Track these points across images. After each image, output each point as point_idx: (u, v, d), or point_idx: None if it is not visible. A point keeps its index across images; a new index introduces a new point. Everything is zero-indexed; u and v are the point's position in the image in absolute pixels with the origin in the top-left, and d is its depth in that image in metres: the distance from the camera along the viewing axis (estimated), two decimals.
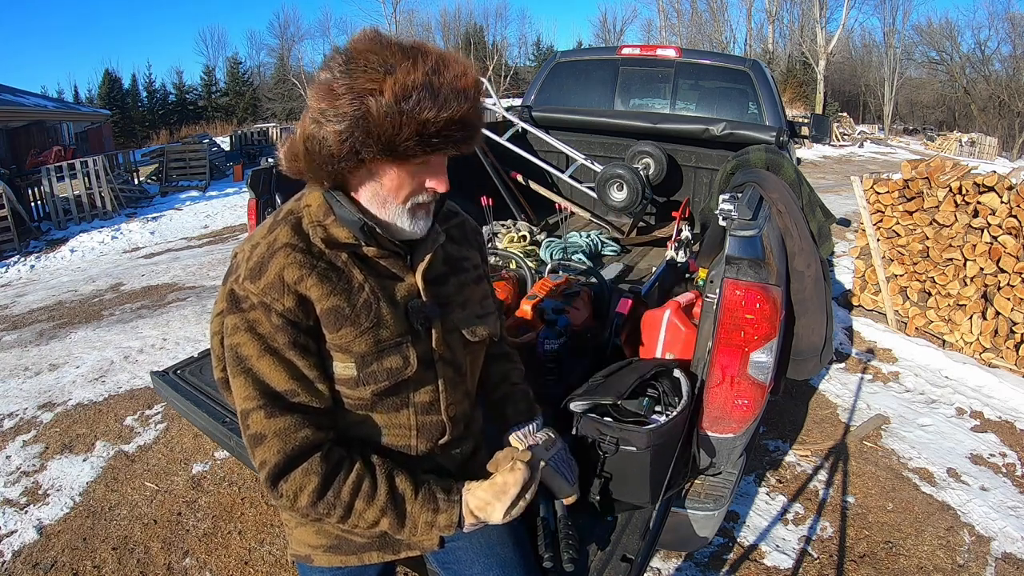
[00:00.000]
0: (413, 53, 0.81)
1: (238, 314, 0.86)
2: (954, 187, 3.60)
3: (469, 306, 1.02)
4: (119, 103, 29.84)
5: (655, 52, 3.74)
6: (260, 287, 0.84)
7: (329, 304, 0.86)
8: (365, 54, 0.81)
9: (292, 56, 34.11)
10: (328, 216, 0.89)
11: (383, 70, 0.79)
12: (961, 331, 3.62)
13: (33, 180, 8.87)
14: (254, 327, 0.85)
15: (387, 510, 0.88)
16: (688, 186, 3.66)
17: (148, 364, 3.63)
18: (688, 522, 1.44)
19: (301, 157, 0.86)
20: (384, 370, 0.89)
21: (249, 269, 0.86)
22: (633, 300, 1.95)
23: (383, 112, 0.78)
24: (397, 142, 0.80)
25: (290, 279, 0.84)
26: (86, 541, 2.20)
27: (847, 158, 16.38)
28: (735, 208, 1.46)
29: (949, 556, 2.13)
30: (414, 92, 0.78)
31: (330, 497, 0.85)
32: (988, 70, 26.75)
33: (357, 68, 0.80)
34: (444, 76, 0.81)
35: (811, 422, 2.98)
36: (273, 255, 0.86)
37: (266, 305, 0.84)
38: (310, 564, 1.00)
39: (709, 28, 32.31)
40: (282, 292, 0.84)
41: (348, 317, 0.87)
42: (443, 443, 1.00)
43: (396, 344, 0.90)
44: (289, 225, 0.89)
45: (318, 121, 0.82)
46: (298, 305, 0.85)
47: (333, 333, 0.87)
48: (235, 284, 0.87)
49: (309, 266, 0.86)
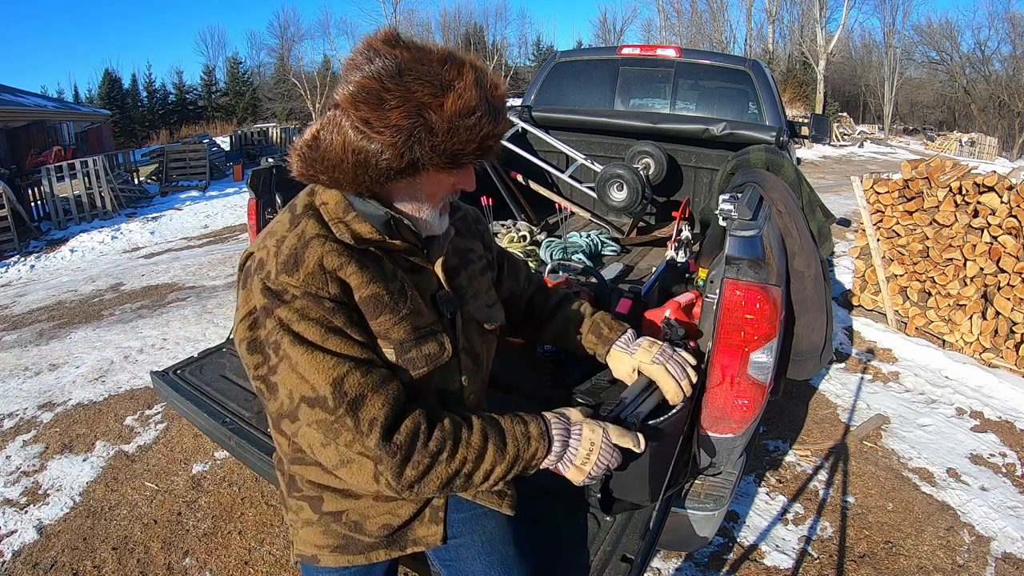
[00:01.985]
0: (456, 64, 0.83)
1: (283, 307, 0.82)
2: (954, 187, 3.60)
3: (480, 296, 1.06)
4: (119, 103, 29.83)
5: (655, 52, 3.74)
6: (300, 278, 0.82)
7: (369, 292, 0.86)
8: (413, 64, 0.80)
9: (292, 56, 34.14)
10: (348, 213, 0.89)
11: (439, 84, 0.79)
12: (961, 331, 3.62)
13: (33, 180, 8.88)
14: (306, 313, 0.82)
15: (488, 431, 0.88)
16: (688, 186, 3.66)
17: (148, 364, 3.63)
18: (688, 522, 1.44)
19: (347, 169, 0.83)
20: (423, 356, 0.91)
21: (281, 263, 0.83)
22: (633, 300, 1.95)
23: (447, 127, 0.80)
24: (462, 155, 0.83)
25: (330, 266, 0.84)
26: (86, 541, 2.20)
27: (847, 158, 16.39)
28: (735, 208, 1.46)
29: (949, 556, 2.13)
30: (477, 109, 0.81)
31: (438, 433, 0.84)
32: (988, 70, 26.76)
33: (412, 79, 0.79)
34: (492, 90, 0.85)
35: (811, 422, 2.98)
36: (307, 245, 0.84)
37: (311, 295, 0.82)
38: (316, 565, 1.00)
39: (709, 28, 32.32)
40: (325, 280, 0.83)
41: (387, 304, 0.88)
42: None
43: (432, 331, 0.93)
44: (314, 218, 0.88)
45: (363, 132, 0.80)
46: (342, 291, 0.85)
47: (373, 320, 0.88)
48: (267, 281, 0.83)
49: (347, 254, 0.86)
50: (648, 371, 1.18)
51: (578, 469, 0.93)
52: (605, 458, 0.94)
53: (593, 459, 0.93)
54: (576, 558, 1.20)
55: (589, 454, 0.93)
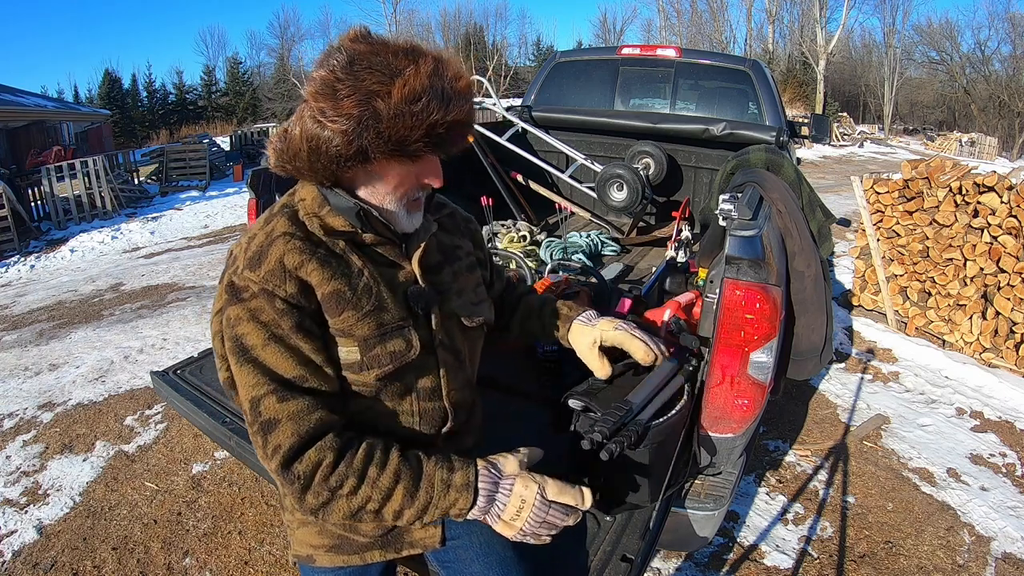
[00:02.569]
0: (413, 55, 0.83)
1: (239, 304, 0.85)
2: (954, 187, 3.60)
3: (465, 294, 1.05)
4: (119, 103, 29.84)
5: (655, 52, 3.74)
6: (260, 275, 0.84)
7: (330, 288, 0.87)
8: (367, 56, 0.82)
9: (292, 56, 34.20)
10: (323, 207, 0.91)
11: (388, 72, 0.81)
12: (961, 331, 3.62)
13: (33, 180, 8.87)
14: (257, 315, 0.85)
15: (401, 473, 0.85)
16: (688, 186, 3.66)
17: (148, 364, 3.63)
18: (688, 522, 1.44)
19: (303, 157, 0.86)
20: (387, 353, 0.90)
21: (248, 259, 0.86)
22: (633, 300, 1.95)
23: (392, 114, 0.80)
24: (407, 143, 0.82)
25: (291, 264, 0.85)
26: (86, 541, 2.20)
27: (847, 158, 16.39)
28: (735, 208, 1.46)
29: (949, 556, 2.13)
30: (423, 95, 0.81)
31: (342, 468, 0.83)
32: (988, 70, 26.76)
33: (361, 69, 0.81)
34: (447, 78, 0.84)
35: (811, 422, 2.98)
36: (272, 243, 0.86)
37: (268, 292, 0.84)
38: (312, 565, 1.00)
39: (709, 28, 32.33)
40: (283, 278, 0.84)
41: (349, 301, 0.88)
42: (446, 431, 1.01)
43: (398, 327, 0.92)
44: (286, 216, 0.90)
45: (319, 121, 0.82)
46: (300, 290, 0.85)
47: (335, 317, 0.88)
48: (234, 276, 0.87)
49: (309, 252, 0.87)
50: (611, 337, 1.13)
51: (507, 524, 0.87)
52: (538, 515, 0.87)
53: (524, 516, 0.86)
54: (576, 558, 1.20)
55: (519, 511, 0.86)
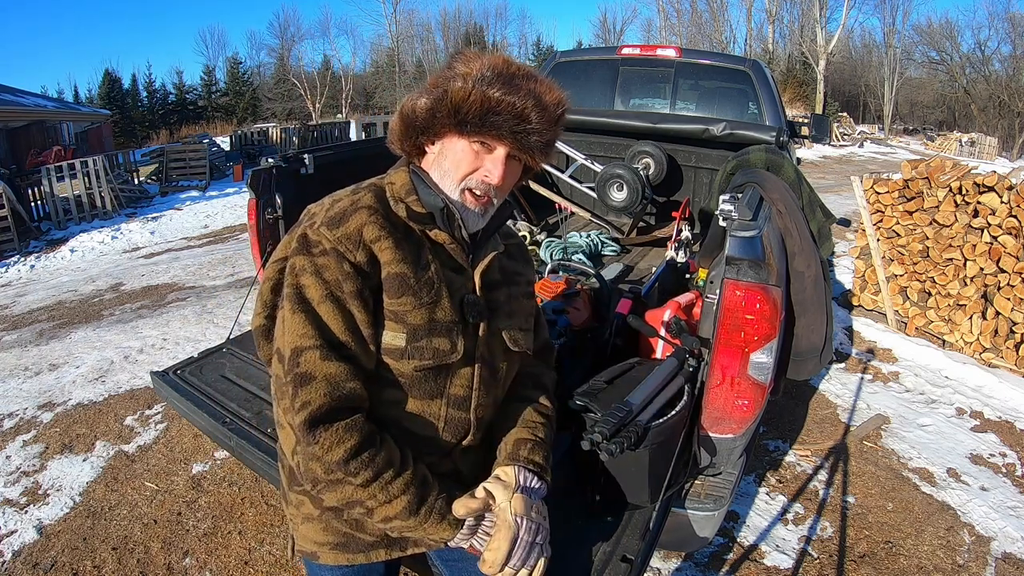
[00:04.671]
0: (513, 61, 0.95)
1: (307, 256, 0.89)
2: (954, 187, 3.60)
3: (515, 317, 1.07)
4: (119, 103, 29.82)
5: (655, 52, 3.74)
6: (336, 235, 0.88)
7: (397, 269, 0.90)
8: (477, 54, 0.94)
9: (292, 56, 34.18)
10: (410, 195, 0.96)
11: (479, 60, 0.92)
12: (961, 331, 3.62)
13: (33, 180, 8.86)
14: (321, 272, 0.87)
15: (410, 486, 0.88)
16: (688, 186, 3.66)
17: (148, 364, 3.63)
18: (688, 522, 1.44)
19: (395, 128, 0.98)
20: (432, 348, 0.92)
21: (328, 218, 0.90)
22: (633, 300, 1.94)
23: (459, 85, 0.90)
24: (462, 110, 0.89)
25: (368, 236, 0.89)
26: (86, 541, 2.20)
27: (847, 158, 16.39)
28: (735, 208, 1.46)
29: (949, 556, 2.13)
30: (491, 72, 0.90)
31: (364, 458, 0.85)
32: (988, 70, 26.76)
33: (461, 58, 0.94)
34: (524, 77, 0.92)
35: (811, 422, 2.98)
36: (357, 211, 0.91)
37: (339, 253, 0.88)
38: (316, 561, 1.00)
39: (709, 28, 32.32)
40: (357, 245, 0.89)
41: (411, 287, 0.91)
42: (465, 445, 1.01)
43: (448, 328, 0.94)
44: (373, 193, 0.95)
45: (415, 100, 0.95)
46: (369, 262, 0.89)
47: (393, 299, 0.90)
48: (309, 229, 0.90)
49: (388, 231, 0.91)
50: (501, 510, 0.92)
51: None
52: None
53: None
54: (576, 558, 1.20)
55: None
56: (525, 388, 1.13)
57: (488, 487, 0.93)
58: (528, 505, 0.92)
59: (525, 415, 1.07)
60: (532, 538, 0.90)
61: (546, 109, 0.92)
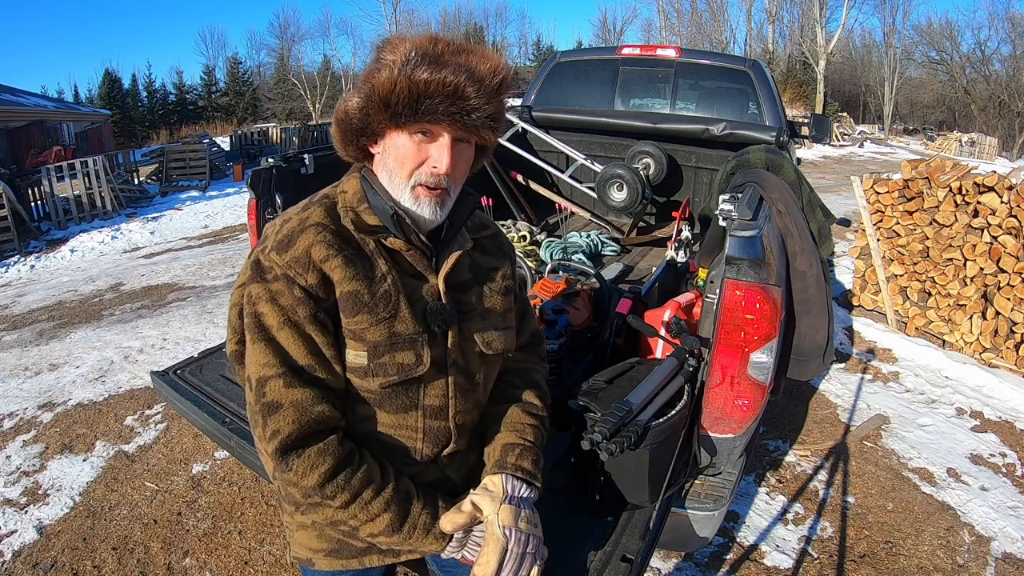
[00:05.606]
0: (439, 37, 0.88)
1: (261, 284, 0.87)
2: (954, 187, 3.60)
3: (490, 317, 1.01)
4: (119, 103, 29.83)
5: (655, 52, 3.74)
6: (285, 260, 0.85)
7: (350, 288, 0.87)
8: (401, 38, 0.88)
9: (292, 56, 34.18)
10: (361, 204, 0.93)
11: (403, 44, 0.86)
12: (961, 331, 3.62)
13: (33, 180, 8.87)
14: (276, 298, 0.86)
15: (391, 504, 0.86)
16: (688, 186, 3.66)
17: (148, 364, 3.63)
18: (688, 522, 1.44)
19: (335, 135, 0.95)
20: (395, 364, 0.89)
21: (277, 241, 0.87)
22: (633, 300, 1.94)
23: (384, 76, 0.84)
24: (391, 101, 0.84)
25: (316, 256, 0.86)
26: (86, 541, 2.20)
27: (847, 158, 16.39)
28: (735, 208, 1.46)
29: (949, 556, 2.13)
30: (415, 54, 0.84)
31: (340, 481, 0.84)
32: (988, 70, 26.76)
33: (388, 46, 0.87)
34: (453, 52, 0.86)
35: (811, 422, 2.98)
36: (303, 231, 0.87)
37: (289, 278, 0.85)
38: (312, 568, 1.00)
39: (709, 28, 32.32)
40: (307, 267, 0.85)
41: (366, 304, 0.87)
42: (449, 452, 0.98)
43: (411, 340, 0.90)
44: (323, 207, 0.91)
45: (347, 100, 0.91)
46: (320, 283, 0.86)
47: (349, 318, 0.87)
48: (261, 255, 0.88)
49: (337, 248, 0.87)
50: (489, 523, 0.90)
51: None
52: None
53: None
54: (576, 558, 1.20)
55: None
56: (513, 387, 1.08)
57: (475, 499, 0.91)
58: (516, 515, 0.90)
59: (513, 417, 1.03)
60: (522, 549, 0.88)
61: (482, 81, 0.85)
